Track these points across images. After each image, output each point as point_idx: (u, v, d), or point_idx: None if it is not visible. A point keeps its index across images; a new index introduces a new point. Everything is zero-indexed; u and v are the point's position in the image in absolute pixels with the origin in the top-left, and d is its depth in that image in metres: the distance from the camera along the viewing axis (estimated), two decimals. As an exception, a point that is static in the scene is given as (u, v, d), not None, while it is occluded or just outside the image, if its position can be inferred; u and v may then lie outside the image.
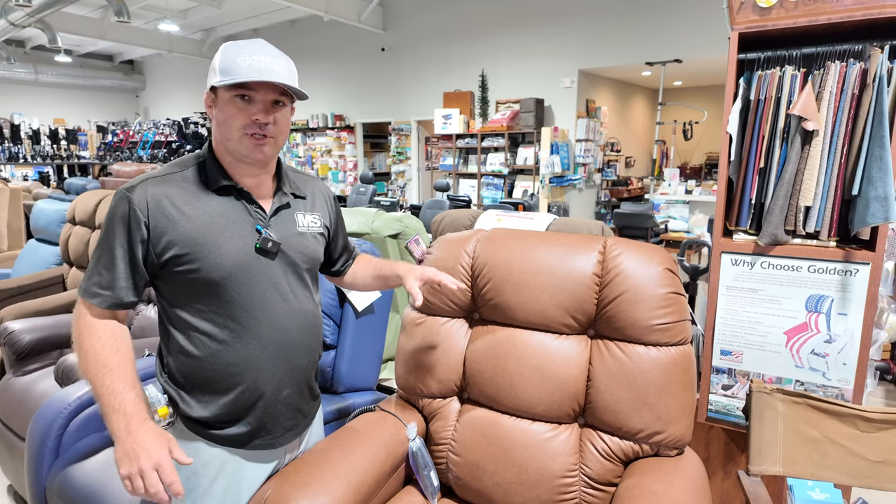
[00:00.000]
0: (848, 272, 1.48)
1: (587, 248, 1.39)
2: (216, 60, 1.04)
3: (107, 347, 1.02)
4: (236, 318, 1.08)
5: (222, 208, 1.08)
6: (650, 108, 9.67)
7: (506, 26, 7.19)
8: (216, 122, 1.07)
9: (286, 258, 1.14)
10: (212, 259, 1.04)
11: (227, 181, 1.09)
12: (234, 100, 1.04)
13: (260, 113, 1.05)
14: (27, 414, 1.94)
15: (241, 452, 1.14)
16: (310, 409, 1.27)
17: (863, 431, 1.33)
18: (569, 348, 1.38)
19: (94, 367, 1.01)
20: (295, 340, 1.16)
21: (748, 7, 1.51)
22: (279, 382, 1.15)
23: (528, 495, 1.33)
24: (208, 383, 1.09)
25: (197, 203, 1.06)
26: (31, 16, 7.49)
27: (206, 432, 1.11)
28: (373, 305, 1.89)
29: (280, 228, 1.14)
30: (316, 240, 1.22)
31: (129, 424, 0.98)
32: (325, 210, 1.28)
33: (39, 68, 11.84)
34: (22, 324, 2.27)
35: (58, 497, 1.61)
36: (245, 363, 1.10)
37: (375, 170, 9.60)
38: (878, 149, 1.35)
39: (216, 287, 1.05)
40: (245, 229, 1.09)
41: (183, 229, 1.03)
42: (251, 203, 1.11)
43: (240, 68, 1.01)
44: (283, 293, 1.13)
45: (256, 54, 1.03)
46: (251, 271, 1.08)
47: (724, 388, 1.69)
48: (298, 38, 9.74)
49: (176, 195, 1.05)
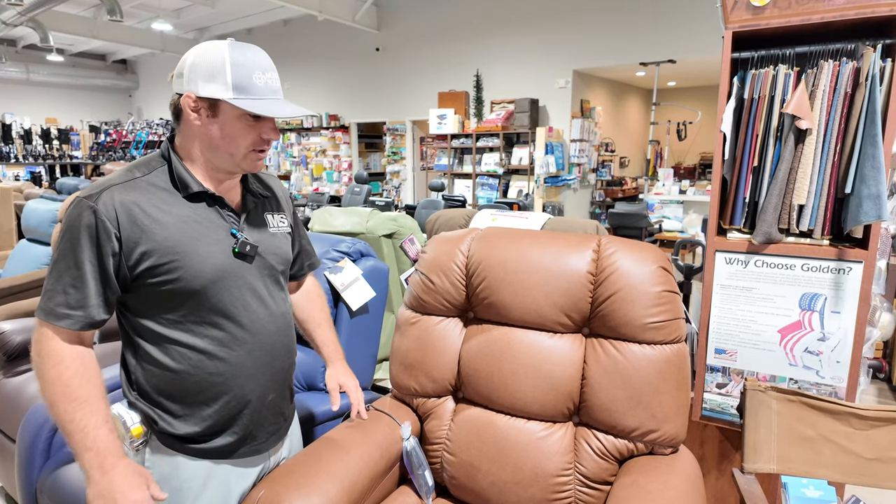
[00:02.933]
0: (841, 270, 1.48)
1: (582, 246, 1.39)
2: (226, 72, 0.97)
3: (76, 377, 0.94)
4: (219, 326, 1.04)
5: (195, 214, 1.03)
6: (644, 108, 9.70)
7: (500, 26, 7.19)
8: (212, 135, 1.01)
9: (262, 261, 1.11)
10: (192, 267, 0.99)
11: (199, 187, 1.03)
12: (244, 118, 1.00)
13: (272, 132, 1.04)
14: (18, 415, 1.92)
15: (226, 462, 1.11)
16: (289, 412, 1.25)
17: (856, 429, 1.34)
18: (563, 347, 1.37)
19: (61, 399, 0.93)
20: (276, 343, 1.14)
21: (742, 6, 1.51)
22: (264, 388, 1.12)
23: (523, 494, 1.32)
24: (189, 396, 1.04)
25: (168, 209, 1.00)
26: (23, 14, 7.43)
27: (188, 447, 1.06)
28: (367, 305, 1.88)
29: (254, 231, 1.12)
30: (286, 239, 1.21)
31: (103, 464, 0.92)
32: (288, 209, 1.26)
33: (31, 67, 11.74)
34: (13, 324, 2.25)
35: (48, 498, 1.60)
36: (230, 371, 1.06)
37: (370, 170, 9.57)
38: (870, 147, 1.36)
39: (196, 295, 1.01)
40: (220, 234, 1.05)
41: (158, 238, 0.97)
42: (224, 207, 1.07)
43: (257, 88, 0.99)
44: (262, 296, 1.11)
45: (267, 71, 1.01)
46: (231, 277, 1.04)
47: (718, 387, 1.69)
48: (292, 38, 9.70)
49: (145, 202, 0.98)
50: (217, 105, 0.99)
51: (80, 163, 9.03)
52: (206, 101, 0.99)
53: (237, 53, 0.98)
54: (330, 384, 1.34)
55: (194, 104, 0.99)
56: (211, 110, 1.00)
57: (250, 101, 0.98)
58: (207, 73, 0.97)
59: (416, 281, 1.55)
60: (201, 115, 1.00)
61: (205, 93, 0.98)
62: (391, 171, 8.83)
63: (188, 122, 1.02)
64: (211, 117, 1.00)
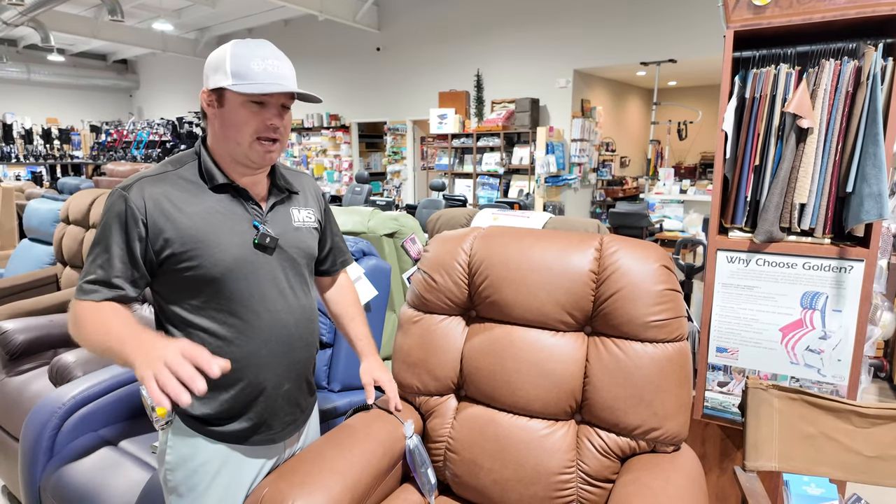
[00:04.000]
0: (842, 269, 1.48)
1: (584, 245, 1.39)
2: (226, 62, 1.02)
3: (108, 314, 0.98)
4: (236, 314, 1.08)
5: (220, 205, 1.08)
6: (645, 107, 9.71)
7: (501, 26, 7.20)
8: (221, 125, 1.06)
9: (284, 253, 1.15)
10: (211, 255, 1.04)
11: (225, 179, 1.09)
12: (248, 104, 1.03)
13: (275, 118, 1.05)
14: (21, 414, 1.93)
15: (241, 449, 1.14)
16: (307, 404, 1.28)
17: (858, 427, 1.34)
18: (566, 345, 1.38)
19: (100, 332, 0.96)
20: (293, 335, 1.16)
21: (743, 6, 1.52)
22: (279, 377, 1.15)
23: (525, 492, 1.33)
24: (209, 380, 1.08)
25: (194, 201, 1.06)
26: (24, 14, 7.43)
27: (206, 428, 1.11)
28: (369, 304, 1.89)
29: (277, 224, 1.15)
30: (311, 234, 1.24)
31: (139, 339, 0.90)
32: (317, 206, 1.29)
33: (32, 67, 11.75)
34: (15, 324, 2.26)
35: (52, 497, 1.60)
36: (246, 359, 1.10)
37: (371, 169, 9.58)
38: (871, 146, 1.36)
39: (216, 283, 1.05)
40: (243, 226, 1.09)
41: (181, 227, 1.03)
42: (248, 200, 1.12)
43: (255, 73, 1.01)
44: (282, 288, 1.14)
45: (269, 58, 1.03)
46: (250, 267, 1.09)
47: (719, 385, 1.69)
48: (293, 38, 9.71)
49: (173, 193, 1.04)
50: (222, 95, 1.04)
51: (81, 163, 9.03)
52: (214, 93, 1.05)
53: (239, 46, 1.04)
54: (365, 379, 1.39)
55: (207, 98, 1.07)
56: (218, 101, 1.05)
57: (247, 85, 1.01)
58: (213, 67, 1.04)
59: (418, 279, 1.55)
60: (212, 108, 1.06)
61: (211, 85, 1.04)
62: (392, 170, 8.83)
63: (207, 117, 1.09)
64: (219, 108, 1.06)
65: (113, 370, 1.86)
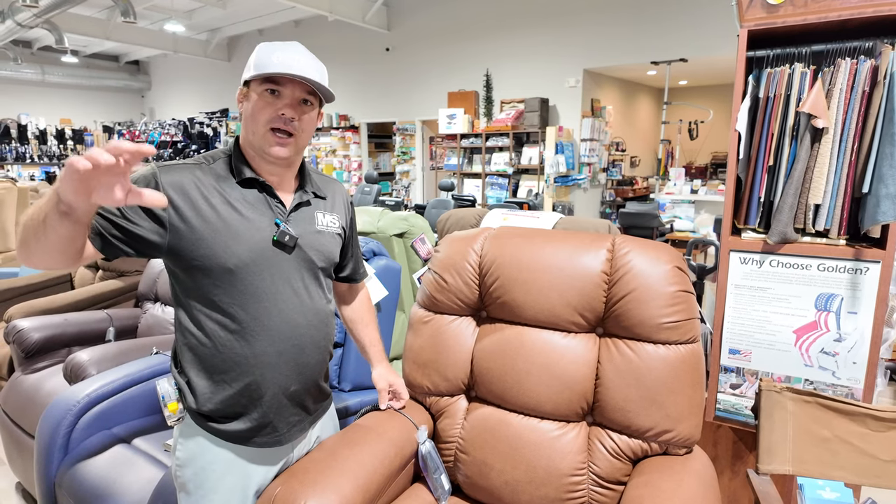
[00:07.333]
0: (858, 270, 1.47)
1: (595, 246, 1.39)
2: (251, 58, 1.08)
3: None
4: (246, 308, 1.09)
5: (244, 199, 1.10)
6: (655, 107, 9.65)
7: (510, 26, 7.18)
8: (244, 116, 1.10)
9: (302, 254, 1.15)
10: (228, 246, 1.05)
11: (252, 174, 1.11)
12: (264, 94, 1.06)
13: (287, 108, 1.06)
14: (36, 411, 1.95)
15: (247, 451, 1.14)
16: (316, 408, 1.26)
17: (873, 431, 1.33)
18: (577, 346, 1.37)
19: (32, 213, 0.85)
20: (304, 336, 1.16)
21: (757, 4, 1.50)
22: (287, 378, 1.15)
23: (536, 493, 1.33)
24: (216, 373, 1.10)
25: (221, 192, 1.08)
26: (38, 16, 7.52)
27: (212, 426, 1.11)
28: (379, 304, 1.89)
29: (298, 224, 1.15)
30: (334, 239, 1.23)
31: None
32: (344, 213, 1.29)
33: (46, 69, 11.90)
34: (30, 322, 2.29)
35: (67, 494, 1.62)
36: (254, 356, 1.10)
37: (380, 169, 9.60)
38: (888, 146, 1.34)
39: (230, 275, 1.06)
40: (264, 222, 1.10)
41: (203, 214, 1.04)
42: (273, 197, 1.13)
43: (272, 63, 1.04)
44: (296, 289, 1.14)
45: (289, 51, 1.06)
46: (266, 263, 1.09)
47: (732, 387, 1.68)
48: (303, 39, 9.74)
49: (202, 181, 1.07)
50: (248, 88, 1.09)
51: (93, 163, 9.11)
52: (244, 87, 1.10)
53: (267, 44, 1.09)
54: (380, 384, 1.43)
55: (239, 95, 1.11)
56: (245, 96, 1.10)
57: (260, 72, 1.05)
58: (247, 65, 1.09)
59: (429, 280, 1.55)
60: (242, 103, 1.11)
61: (242, 81, 1.10)
62: (401, 170, 8.84)
63: (241, 112, 1.12)
64: (246, 102, 1.10)
65: (127, 369, 1.88)
